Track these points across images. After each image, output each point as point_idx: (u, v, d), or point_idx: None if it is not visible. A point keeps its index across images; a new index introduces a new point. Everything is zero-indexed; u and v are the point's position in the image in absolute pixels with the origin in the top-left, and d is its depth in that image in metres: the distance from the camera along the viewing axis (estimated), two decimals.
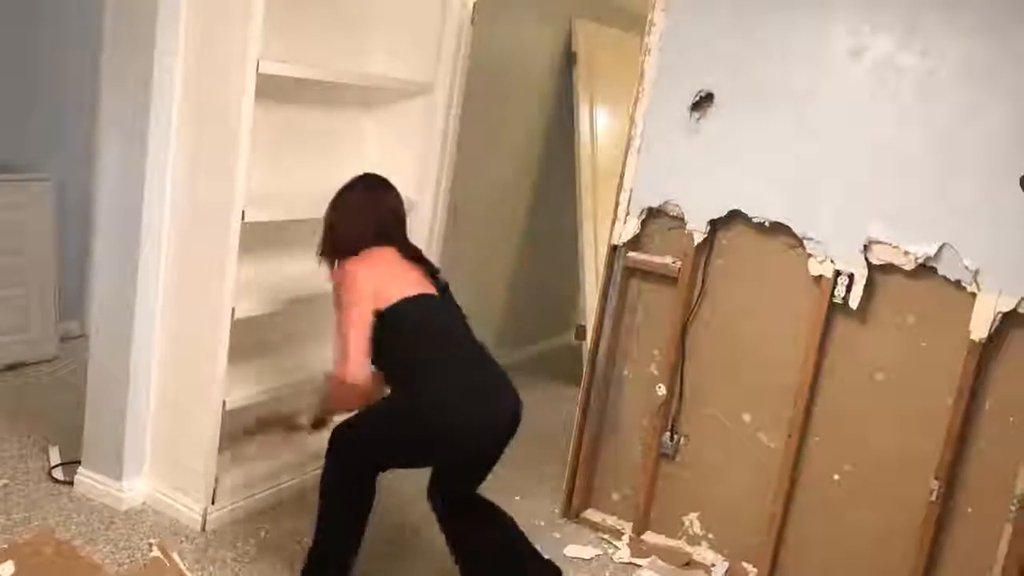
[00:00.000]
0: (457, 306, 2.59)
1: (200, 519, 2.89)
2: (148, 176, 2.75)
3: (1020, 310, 2.61)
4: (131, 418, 2.91)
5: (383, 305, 2.40)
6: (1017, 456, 2.67)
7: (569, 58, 4.75)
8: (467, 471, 2.57)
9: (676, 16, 2.98)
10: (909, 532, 2.80)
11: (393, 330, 2.41)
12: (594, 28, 4.84)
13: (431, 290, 2.51)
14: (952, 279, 2.69)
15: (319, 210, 3.19)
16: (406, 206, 2.68)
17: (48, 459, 3.14)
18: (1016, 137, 2.57)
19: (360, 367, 2.38)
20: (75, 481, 3.00)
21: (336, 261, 2.55)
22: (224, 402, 2.85)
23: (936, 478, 2.73)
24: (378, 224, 2.56)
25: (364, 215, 2.57)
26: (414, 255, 2.59)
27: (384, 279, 2.45)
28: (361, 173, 2.69)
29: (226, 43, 2.64)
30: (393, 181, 3.44)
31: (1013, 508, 2.67)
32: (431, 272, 2.58)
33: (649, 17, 3.03)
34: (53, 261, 4.03)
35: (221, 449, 2.90)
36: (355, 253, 2.50)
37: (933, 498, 2.74)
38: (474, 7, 3.42)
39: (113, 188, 2.86)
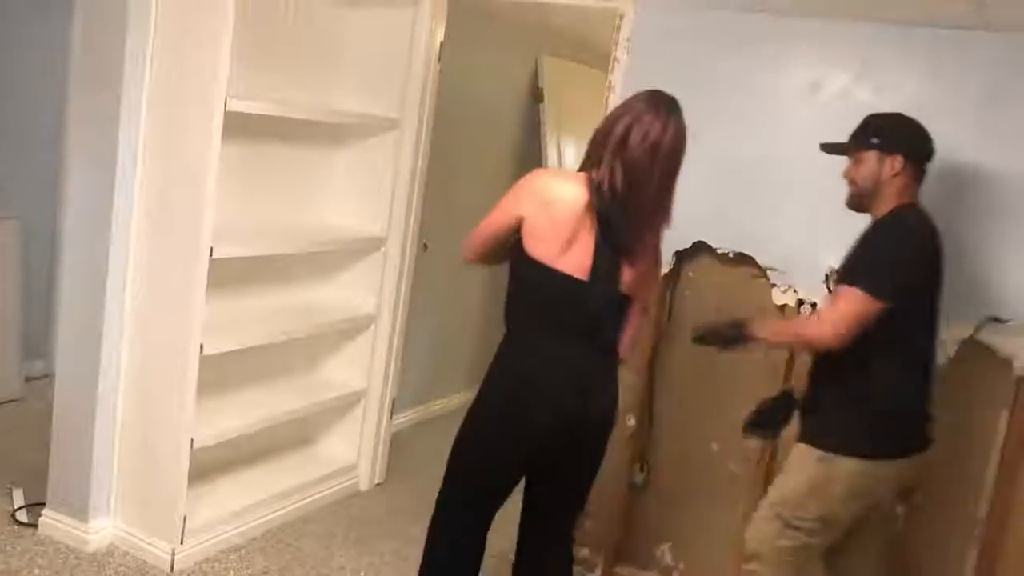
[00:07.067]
0: (608, 296, 2.22)
1: (169, 559, 2.85)
2: (115, 214, 2.75)
3: (977, 336, 2.67)
4: (97, 458, 2.87)
5: (529, 249, 2.19)
6: (978, 481, 2.71)
7: (536, 94, 4.82)
8: (552, 472, 2.43)
9: (639, 53, 3.05)
10: (878, 556, 2.82)
11: (522, 279, 2.29)
12: (561, 65, 4.92)
13: (583, 271, 2.17)
14: None
15: (288, 246, 3.22)
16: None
17: (12, 501, 3.09)
18: (972, 168, 2.64)
19: (466, 251, 2.39)
20: (39, 523, 2.95)
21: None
22: (192, 440, 2.82)
23: (903, 501, 2.76)
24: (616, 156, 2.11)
25: (611, 133, 2.15)
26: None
27: (544, 225, 2.16)
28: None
29: (194, 81, 2.66)
30: (363, 216, 3.52)
31: (976, 532, 2.71)
32: (614, 247, 2.17)
33: (613, 54, 3.10)
34: (18, 299, 3.98)
35: (189, 487, 2.87)
36: (586, 167, 2.19)
37: (901, 522, 2.77)
38: (441, 45, 3.47)
39: (80, 226, 2.85)
